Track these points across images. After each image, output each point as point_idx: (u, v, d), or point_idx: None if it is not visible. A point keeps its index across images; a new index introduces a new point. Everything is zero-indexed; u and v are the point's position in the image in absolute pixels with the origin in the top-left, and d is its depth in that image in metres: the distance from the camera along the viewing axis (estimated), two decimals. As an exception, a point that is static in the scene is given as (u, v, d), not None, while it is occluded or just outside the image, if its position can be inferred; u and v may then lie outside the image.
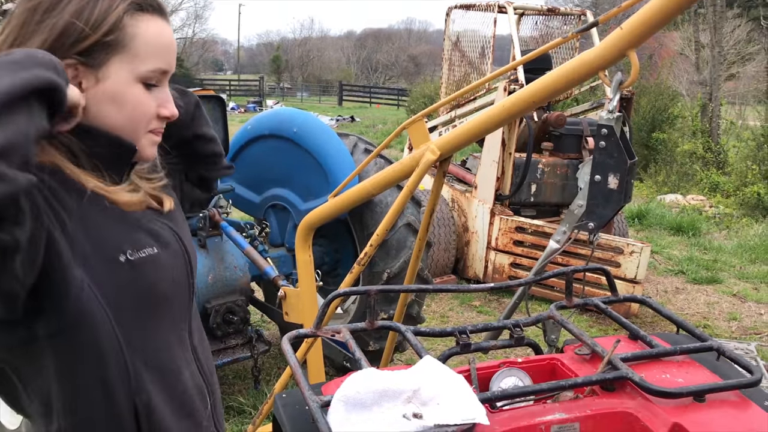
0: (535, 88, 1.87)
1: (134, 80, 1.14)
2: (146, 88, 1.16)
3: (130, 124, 1.16)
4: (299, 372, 1.49)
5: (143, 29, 1.13)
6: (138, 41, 1.13)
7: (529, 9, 7.19)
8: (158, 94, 1.19)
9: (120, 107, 1.13)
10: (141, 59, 1.13)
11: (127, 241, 1.17)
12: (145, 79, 1.15)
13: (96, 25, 1.08)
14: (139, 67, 1.13)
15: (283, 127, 3.89)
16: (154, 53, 1.15)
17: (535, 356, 1.84)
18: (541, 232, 6.02)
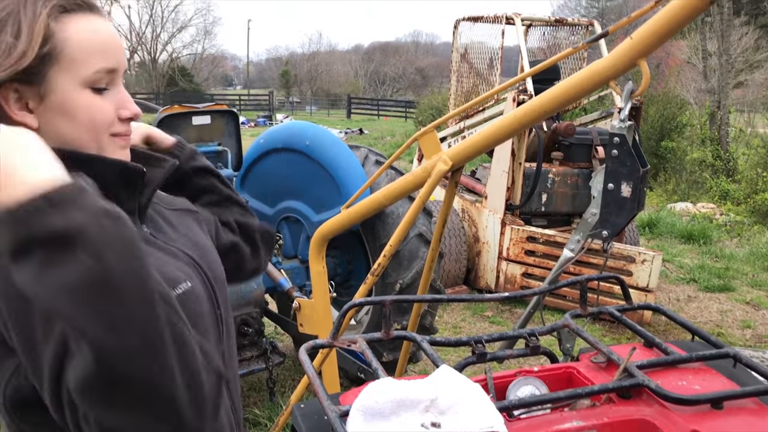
0: (546, 98, 1.88)
1: (80, 87, 1.06)
2: (96, 93, 1.08)
3: (88, 133, 1.08)
4: (317, 382, 1.50)
5: (73, 31, 1.04)
6: (71, 45, 1.04)
7: (537, 20, 7.22)
8: (113, 96, 1.11)
9: (72, 119, 1.06)
10: (80, 63, 1.05)
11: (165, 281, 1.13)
12: (92, 83, 1.07)
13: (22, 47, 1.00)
14: (80, 71, 1.05)
15: (295, 140, 3.92)
16: (93, 53, 1.06)
17: (550, 365, 1.85)
18: (552, 241, 6.02)
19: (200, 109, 3.73)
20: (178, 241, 1.25)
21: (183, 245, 1.24)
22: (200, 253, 1.27)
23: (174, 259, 1.18)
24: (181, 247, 1.23)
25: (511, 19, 6.57)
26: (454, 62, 7.46)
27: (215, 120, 3.76)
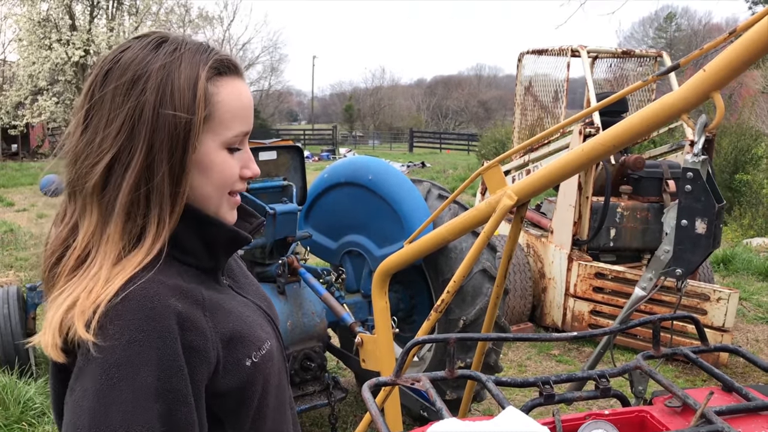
0: (617, 131, 1.84)
1: (219, 147, 1.09)
2: (230, 152, 1.11)
3: (217, 191, 1.11)
4: (381, 420, 1.48)
5: (224, 95, 1.08)
6: (221, 108, 1.08)
7: (603, 52, 7.13)
8: (240, 156, 1.14)
9: (207, 175, 1.09)
10: (225, 126, 1.09)
11: (253, 342, 1.13)
12: (230, 144, 1.11)
13: (189, 107, 1.04)
14: (224, 133, 1.09)
15: (359, 174, 3.96)
16: (237, 117, 1.10)
17: (622, 408, 1.77)
18: (621, 278, 5.84)
19: (267, 144, 3.81)
20: (249, 291, 1.27)
21: (254, 296, 1.27)
22: (268, 305, 1.30)
23: (254, 315, 1.20)
24: (254, 299, 1.25)
25: (576, 51, 6.51)
26: (518, 95, 7.42)
27: (281, 155, 3.84)
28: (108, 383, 0.93)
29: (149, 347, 0.95)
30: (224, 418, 1.09)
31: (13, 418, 4.01)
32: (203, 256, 1.13)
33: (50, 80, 24.67)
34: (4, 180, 20.48)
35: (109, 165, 1.02)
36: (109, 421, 0.92)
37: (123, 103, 1.02)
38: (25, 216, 13.58)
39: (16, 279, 7.83)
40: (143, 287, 0.98)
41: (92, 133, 1.04)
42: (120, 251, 1.02)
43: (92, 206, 1.03)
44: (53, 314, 0.98)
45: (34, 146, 31.25)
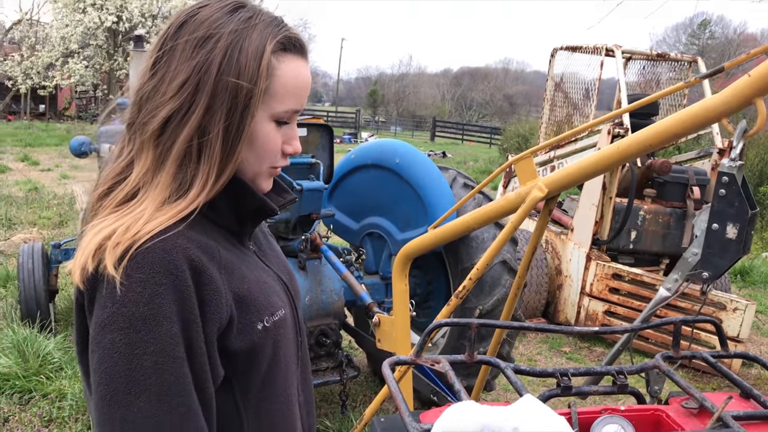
0: (655, 131, 1.84)
1: (268, 119, 1.12)
2: (277, 126, 1.14)
3: (258, 161, 1.14)
4: (400, 397, 1.50)
5: (285, 70, 1.11)
6: (278, 82, 1.10)
7: (638, 53, 7.07)
8: (286, 131, 1.16)
9: (252, 146, 1.12)
10: (278, 99, 1.11)
11: (266, 307, 1.16)
12: (279, 118, 1.13)
13: (252, 77, 1.06)
14: (276, 107, 1.11)
15: (386, 157, 3.97)
16: (291, 94, 1.12)
17: (638, 405, 1.78)
18: (639, 281, 5.82)
19: (298, 121, 3.82)
20: (274, 262, 1.30)
21: (278, 268, 1.29)
22: (289, 278, 1.32)
23: (272, 282, 1.23)
24: (277, 271, 1.28)
25: (611, 50, 6.46)
26: (548, 91, 7.38)
27: (311, 133, 3.86)
28: (135, 335, 0.97)
29: (170, 301, 0.99)
30: (233, 378, 1.12)
31: (32, 370, 4.10)
32: (231, 219, 1.16)
33: (82, 44, 24.85)
34: (31, 139, 20.74)
35: (168, 115, 1.06)
36: (142, 368, 0.97)
37: (191, 58, 1.06)
38: (49, 176, 13.76)
39: (39, 236, 7.96)
40: (169, 240, 1.02)
41: (158, 81, 1.07)
42: (166, 198, 1.06)
43: (148, 149, 1.07)
44: (90, 239, 1.02)
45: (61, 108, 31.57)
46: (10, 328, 4.52)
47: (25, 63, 25.55)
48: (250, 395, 1.16)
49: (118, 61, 24.41)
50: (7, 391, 3.97)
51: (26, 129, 24.06)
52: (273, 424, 1.21)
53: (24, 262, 4.94)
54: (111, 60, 24.70)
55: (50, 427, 3.68)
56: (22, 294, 4.86)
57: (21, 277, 4.88)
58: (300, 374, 1.32)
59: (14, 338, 4.29)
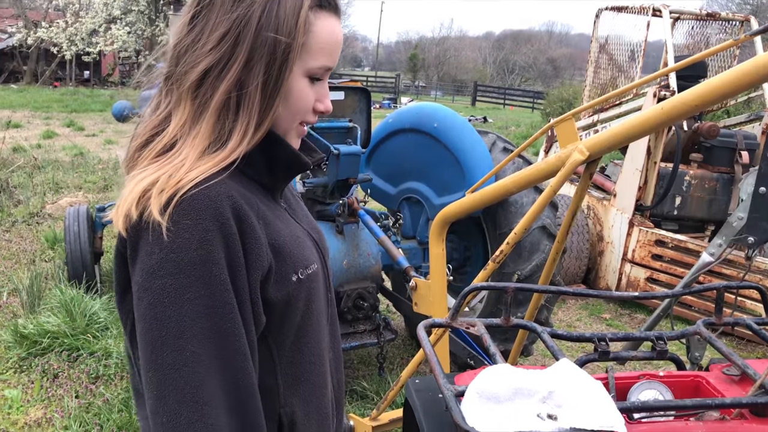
0: (701, 90, 1.77)
1: (302, 75, 1.13)
2: (310, 82, 1.15)
3: (290, 117, 1.16)
4: (434, 359, 1.50)
5: (319, 27, 1.12)
6: (313, 38, 1.12)
7: (686, 13, 6.82)
8: (318, 89, 1.18)
9: (285, 101, 1.13)
10: (312, 55, 1.12)
11: (300, 259, 1.18)
12: (312, 74, 1.14)
13: (290, 32, 1.08)
14: (309, 62, 1.12)
15: (424, 121, 3.93)
16: (326, 51, 1.14)
17: (677, 372, 1.76)
18: (683, 247, 5.70)
19: (335, 84, 3.81)
20: (304, 220, 1.31)
21: (307, 226, 1.31)
22: (319, 237, 1.34)
23: (305, 238, 1.25)
24: (307, 228, 1.30)
25: (658, 10, 6.24)
26: (592, 52, 7.20)
27: (348, 96, 3.84)
28: (187, 279, 0.99)
29: (218, 247, 1.01)
30: (268, 330, 1.14)
31: (80, 329, 4.23)
32: (264, 173, 1.18)
33: (124, 10, 25.07)
34: (76, 105, 21.16)
35: (207, 67, 1.07)
36: (193, 312, 1.00)
37: (230, 11, 1.06)
38: (94, 141, 14.04)
39: (84, 200, 8.15)
40: (214, 188, 1.03)
41: (197, 34, 1.08)
42: (205, 147, 1.07)
43: (186, 101, 1.09)
44: (132, 188, 1.03)
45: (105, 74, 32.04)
46: (58, 288, 4.65)
47: (70, 29, 25.93)
48: (284, 345, 1.18)
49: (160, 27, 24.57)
50: (56, 349, 4.10)
51: (72, 95, 24.53)
52: (305, 375, 1.23)
53: (70, 224, 5.07)
54: (153, 26, 24.90)
55: (97, 383, 3.80)
56: (69, 255, 5.00)
57: (67, 239, 5.02)
58: (329, 330, 1.35)
59: (62, 298, 4.42)
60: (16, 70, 30.95)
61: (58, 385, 3.77)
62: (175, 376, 0.99)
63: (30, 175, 9.32)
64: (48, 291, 4.89)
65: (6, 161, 9.61)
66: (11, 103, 20.31)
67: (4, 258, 6.02)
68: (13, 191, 8.13)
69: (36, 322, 4.23)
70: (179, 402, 1.00)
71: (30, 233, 6.85)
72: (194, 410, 1.00)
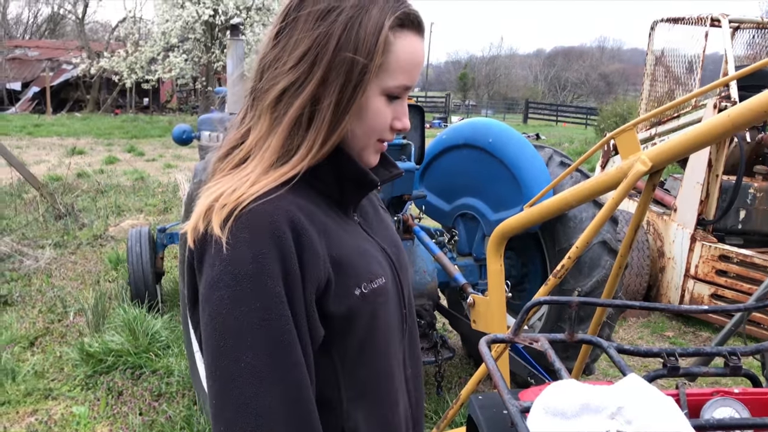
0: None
1: (379, 93, 1.13)
2: (388, 100, 1.15)
3: (366, 135, 1.16)
4: (498, 374, 1.47)
5: (400, 46, 1.11)
6: (392, 58, 1.11)
7: (747, 22, 6.63)
8: (396, 107, 1.17)
9: (361, 119, 1.13)
10: (391, 75, 1.12)
11: (364, 273, 1.17)
12: (390, 93, 1.14)
13: (369, 52, 1.08)
14: (387, 82, 1.12)
15: (478, 136, 3.92)
16: (404, 70, 1.13)
17: (753, 389, 1.68)
18: (749, 262, 5.49)
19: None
20: (379, 234, 1.31)
21: (383, 240, 1.30)
22: (396, 251, 1.32)
23: (375, 252, 1.24)
24: (381, 242, 1.29)
25: (716, 20, 6.09)
26: (648, 65, 7.06)
27: (403, 114, 3.85)
28: (242, 292, 1.02)
29: (274, 260, 1.03)
30: (330, 340, 1.14)
31: (142, 347, 4.33)
32: (333, 188, 1.19)
33: (181, 38, 25.82)
34: (136, 131, 21.86)
35: (287, 85, 1.09)
36: (249, 324, 1.02)
37: (312, 29, 1.08)
38: (154, 165, 14.45)
39: (146, 222, 8.39)
40: (272, 202, 1.06)
41: (280, 51, 1.11)
42: (273, 162, 1.10)
43: (265, 116, 1.11)
44: (202, 201, 1.07)
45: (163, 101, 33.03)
46: (121, 308, 4.78)
47: (130, 58, 26.83)
48: (347, 360, 1.17)
49: (216, 54, 25.21)
50: (120, 367, 4.20)
51: (132, 122, 25.37)
52: (371, 390, 1.22)
53: (132, 246, 5.21)
54: (209, 53, 25.55)
55: (160, 401, 3.87)
56: (132, 276, 5.14)
57: (130, 260, 5.16)
58: (408, 347, 1.33)
59: (125, 317, 4.53)
60: (80, 99, 32.26)
61: (122, 403, 3.86)
62: (231, 386, 1.01)
63: (93, 199, 9.64)
64: (112, 310, 5.03)
65: (71, 186, 9.97)
66: (75, 131, 21.16)
67: (70, 279, 6.22)
68: (78, 215, 8.42)
69: (101, 341, 4.35)
70: (236, 412, 1.01)
71: (94, 255, 7.07)
72: (250, 421, 1.01)
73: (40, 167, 12.92)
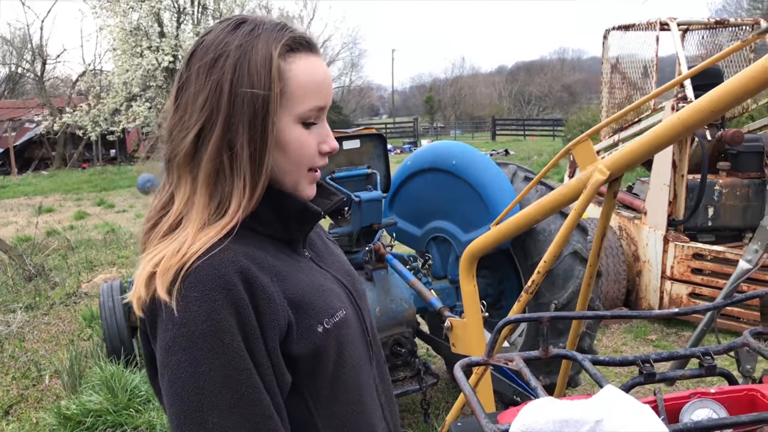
0: (714, 96, 1.74)
1: (294, 122, 1.12)
2: (306, 128, 1.14)
3: (295, 167, 1.15)
4: (474, 399, 1.45)
5: (296, 70, 1.11)
6: (293, 83, 1.11)
7: (695, 23, 6.79)
8: (318, 131, 1.17)
9: (284, 151, 1.12)
10: (297, 100, 1.12)
11: (324, 309, 1.16)
12: (304, 119, 1.13)
13: (264, 83, 1.08)
14: (297, 108, 1.12)
15: (442, 159, 3.93)
16: (310, 92, 1.13)
17: (729, 387, 1.68)
18: (722, 258, 5.55)
19: (350, 133, 3.84)
20: (333, 266, 1.30)
21: (336, 271, 1.30)
22: (351, 280, 1.32)
23: (332, 285, 1.24)
24: (336, 273, 1.28)
25: (666, 24, 6.22)
26: (605, 74, 7.18)
27: (364, 144, 3.86)
28: (200, 352, 1.00)
29: (228, 314, 1.01)
30: (300, 383, 1.12)
31: (122, 404, 4.23)
32: (277, 227, 1.17)
33: (143, 86, 25.78)
34: (105, 183, 21.65)
35: (195, 137, 1.09)
36: (211, 384, 1.00)
37: (206, 80, 1.09)
38: (124, 216, 14.30)
39: (118, 275, 8.25)
40: (217, 256, 1.04)
41: (182, 110, 1.11)
42: (206, 219, 1.08)
43: (185, 177, 1.11)
44: (141, 271, 1.06)
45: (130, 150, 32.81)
46: (98, 366, 4.68)
47: (93, 111, 26.67)
48: (320, 398, 1.16)
49: (179, 99, 25.20)
50: (100, 427, 4.10)
51: (100, 174, 25.15)
52: (348, 424, 1.21)
53: (105, 301, 5.11)
54: (172, 99, 25.55)
55: (143, 458, 3.77)
56: (106, 331, 5.03)
57: (103, 315, 5.06)
58: (377, 374, 1.32)
59: (102, 375, 4.43)
60: (46, 156, 31.90)
61: (105, 464, 3.76)
62: None
63: (64, 257, 9.48)
64: (88, 369, 4.92)
65: (41, 246, 9.81)
66: (43, 189, 20.88)
67: (44, 341, 6.08)
68: (48, 274, 8.28)
69: (78, 402, 4.24)
70: None
71: (68, 314, 6.94)
72: None
73: (8, 229, 12.71)
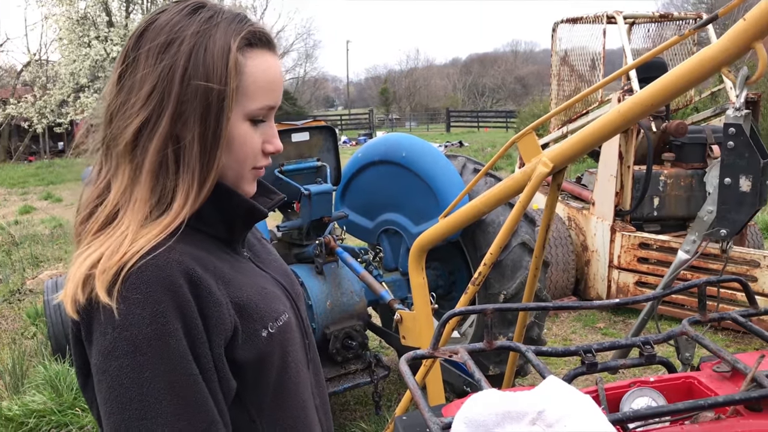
0: (653, 89, 1.77)
1: (242, 119, 1.08)
2: (253, 125, 1.09)
3: (239, 165, 1.10)
4: (418, 393, 1.45)
5: (252, 67, 1.07)
6: (248, 79, 1.06)
7: (640, 17, 6.93)
8: (264, 130, 1.12)
9: (230, 149, 1.08)
10: (249, 97, 1.07)
11: (268, 313, 1.12)
12: (253, 117, 1.09)
13: (221, 77, 1.02)
14: (248, 105, 1.07)
15: (392, 152, 3.92)
16: (264, 91, 1.09)
17: (668, 375, 1.72)
18: (667, 247, 5.70)
19: (299, 126, 3.80)
20: (271, 266, 1.27)
21: (275, 271, 1.26)
22: (289, 281, 1.29)
23: (273, 288, 1.20)
24: (274, 274, 1.25)
25: (612, 17, 6.34)
26: (554, 66, 7.28)
27: (314, 136, 3.83)
28: (144, 357, 0.94)
29: (174, 317, 0.96)
30: (243, 391, 1.08)
31: (67, 404, 4.12)
32: (220, 227, 1.13)
33: (91, 77, 25.16)
34: (53, 177, 21.06)
35: (139, 126, 1.02)
36: (155, 391, 0.95)
37: (155, 64, 1.02)
38: (73, 211, 13.90)
39: (65, 271, 8.03)
40: (162, 256, 0.98)
41: (126, 94, 1.04)
42: (147, 214, 1.02)
43: (124, 165, 1.04)
44: (76, 270, 0.98)
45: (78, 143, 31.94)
46: (42, 365, 4.55)
47: (39, 103, 25.94)
48: (263, 406, 1.12)
49: (128, 90, 24.67)
50: (44, 428, 3.99)
51: (47, 167, 24.42)
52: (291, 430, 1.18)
53: (49, 297, 4.97)
54: (121, 90, 24.99)
55: (90, 458, 3.69)
56: (51, 329, 4.90)
57: (48, 313, 4.92)
58: (312, 377, 1.29)
59: (46, 374, 4.31)
60: (-11, 149, 30.87)
61: (49, 465, 3.66)
62: None
63: (8, 253, 9.18)
64: (32, 368, 4.78)
65: (-17, 242, 9.50)
66: (-14, 183, 20.19)
67: (-14, 340, 5.89)
68: (-9, 271, 8.02)
69: (21, 403, 4.11)
70: None
71: (12, 311, 6.73)
72: None
73: (-51, 225, 12.27)
